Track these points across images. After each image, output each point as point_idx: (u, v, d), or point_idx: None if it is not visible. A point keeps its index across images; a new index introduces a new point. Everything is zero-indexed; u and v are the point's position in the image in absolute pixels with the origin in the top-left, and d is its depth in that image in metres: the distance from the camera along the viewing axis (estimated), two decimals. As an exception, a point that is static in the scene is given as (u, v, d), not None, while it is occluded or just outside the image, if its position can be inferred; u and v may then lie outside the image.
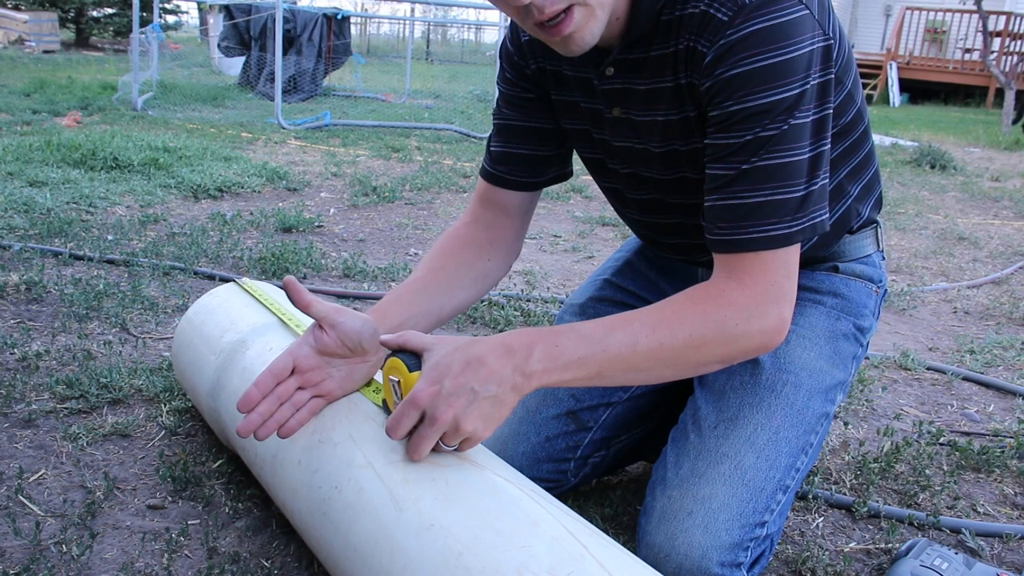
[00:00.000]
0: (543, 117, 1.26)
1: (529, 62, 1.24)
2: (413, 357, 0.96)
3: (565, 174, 1.32)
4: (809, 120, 0.99)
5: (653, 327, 0.98)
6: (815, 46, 0.98)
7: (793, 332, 1.22)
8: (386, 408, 1.02)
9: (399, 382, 0.97)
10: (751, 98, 0.97)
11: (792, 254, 1.02)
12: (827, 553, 1.30)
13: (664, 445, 1.21)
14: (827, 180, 1.04)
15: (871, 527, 1.41)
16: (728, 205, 1.01)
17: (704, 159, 1.05)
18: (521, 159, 1.28)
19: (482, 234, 1.29)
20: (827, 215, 1.04)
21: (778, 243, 1.00)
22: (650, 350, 0.97)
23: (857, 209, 1.24)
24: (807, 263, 1.28)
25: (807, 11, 0.97)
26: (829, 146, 1.03)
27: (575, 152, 1.32)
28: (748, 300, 1.00)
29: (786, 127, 0.97)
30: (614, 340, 0.96)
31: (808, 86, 0.98)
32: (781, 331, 1.02)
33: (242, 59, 9.25)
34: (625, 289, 1.43)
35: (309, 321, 1.36)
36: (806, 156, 1.00)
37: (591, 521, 1.23)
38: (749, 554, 1.08)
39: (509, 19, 1.07)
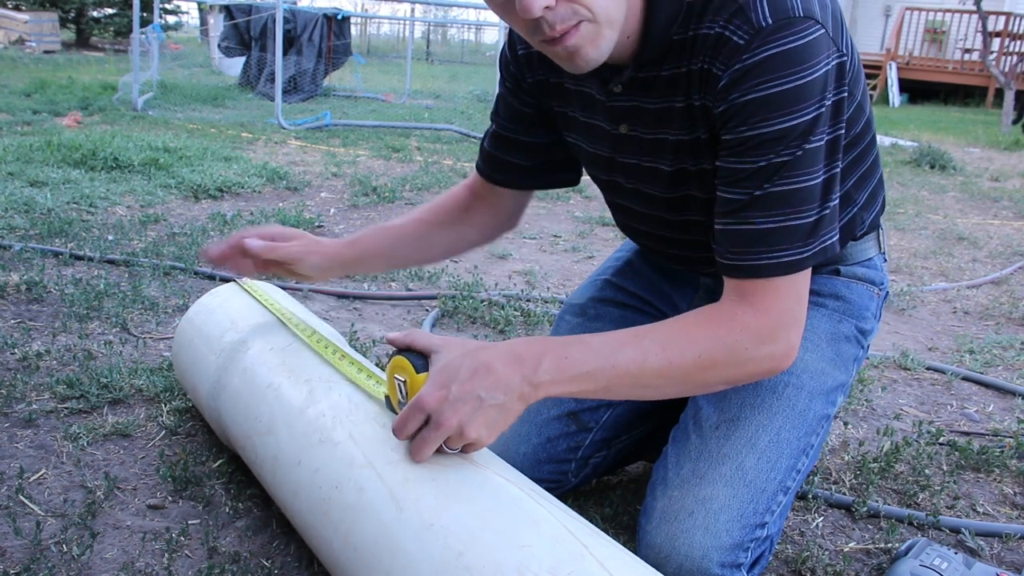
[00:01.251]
0: (535, 132, 1.29)
1: (526, 75, 1.24)
2: (420, 358, 0.96)
3: (555, 182, 1.36)
4: (823, 143, 0.99)
5: (663, 345, 0.98)
6: (830, 66, 0.97)
7: None
8: (389, 404, 1.02)
9: (405, 382, 0.97)
10: (766, 124, 0.96)
11: (803, 278, 1.02)
12: (827, 553, 1.31)
13: (665, 445, 1.21)
14: (838, 201, 1.04)
15: (871, 527, 1.41)
16: (740, 231, 1.01)
17: (716, 181, 1.04)
18: (510, 167, 1.33)
19: (473, 203, 1.38)
20: (837, 236, 1.04)
21: (790, 269, 1.00)
22: (659, 368, 0.98)
23: (862, 217, 1.24)
24: None
25: (823, 30, 0.96)
26: (841, 165, 1.03)
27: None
28: (760, 325, 1.00)
29: (800, 152, 0.97)
30: (623, 355, 0.97)
31: (823, 109, 0.97)
32: (789, 356, 1.03)
33: (242, 59, 9.24)
34: (625, 289, 1.43)
35: (309, 321, 1.36)
36: (819, 180, 0.99)
37: (591, 521, 1.23)
38: (749, 555, 1.08)
39: (508, 28, 1.06)
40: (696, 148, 1.08)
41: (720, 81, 0.99)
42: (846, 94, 1.01)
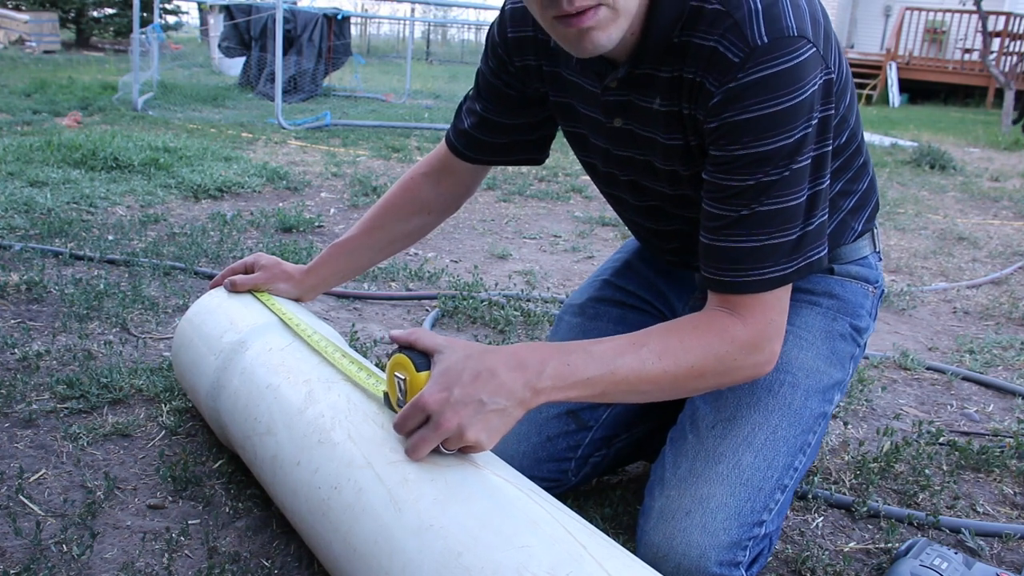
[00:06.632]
0: (514, 113, 1.31)
1: (514, 59, 1.25)
2: (421, 356, 0.96)
3: (525, 161, 1.39)
4: (809, 161, 1.01)
5: (660, 355, 1.00)
6: (816, 85, 0.98)
7: (790, 333, 1.22)
8: (387, 401, 1.03)
9: (405, 380, 0.97)
10: (756, 144, 0.98)
11: (786, 291, 1.06)
12: (827, 553, 1.31)
13: (664, 445, 1.21)
14: (826, 216, 1.06)
15: (871, 527, 1.41)
16: (725, 248, 1.03)
17: (702, 193, 1.06)
18: (484, 145, 1.35)
19: (429, 190, 1.43)
20: (825, 251, 1.06)
21: (774, 285, 1.03)
22: (654, 376, 1.00)
23: (851, 224, 1.25)
24: None
25: (814, 48, 0.97)
26: (828, 181, 1.05)
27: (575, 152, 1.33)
28: (749, 337, 1.04)
29: (787, 173, 0.99)
30: (622, 364, 0.99)
31: (810, 129, 0.99)
32: (771, 363, 1.07)
33: (242, 59, 9.24)
34: (624, 289, 1.43)
35: (309, 321, 1.36)
36: (803, 198, 1.02)
37: (591, 521, 1.23)
38: (747, 553, 1.08)
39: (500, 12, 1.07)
40: (687, 153, 1.10)
41: (713, 98, 1.00)
42: (832, 111, 1.03)
